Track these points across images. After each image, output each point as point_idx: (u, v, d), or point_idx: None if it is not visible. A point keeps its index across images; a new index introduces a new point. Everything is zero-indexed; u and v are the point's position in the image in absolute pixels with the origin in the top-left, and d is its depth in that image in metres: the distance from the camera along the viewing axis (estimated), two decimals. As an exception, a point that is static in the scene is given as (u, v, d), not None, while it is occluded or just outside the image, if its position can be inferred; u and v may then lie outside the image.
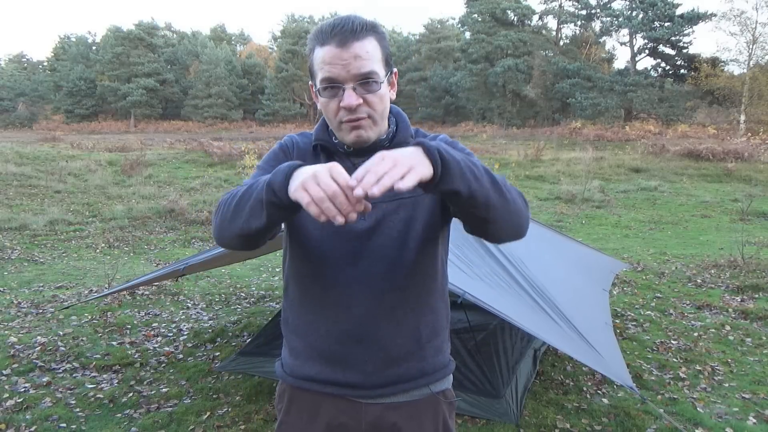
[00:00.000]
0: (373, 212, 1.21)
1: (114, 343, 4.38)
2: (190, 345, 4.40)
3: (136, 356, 4.12)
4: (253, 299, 5.78)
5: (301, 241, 1.26)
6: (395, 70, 1.27)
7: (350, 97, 1.14)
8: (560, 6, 39.06)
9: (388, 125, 1.29)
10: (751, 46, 29.01)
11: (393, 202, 1.22)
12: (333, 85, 1.15)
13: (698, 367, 3.99)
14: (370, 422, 1.28)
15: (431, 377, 1.30)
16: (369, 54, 1.15)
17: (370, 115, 1.18)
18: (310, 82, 1.26)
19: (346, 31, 1.14)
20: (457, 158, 1.01)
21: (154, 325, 4.86)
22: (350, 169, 1.23)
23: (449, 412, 1.36)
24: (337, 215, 0.93)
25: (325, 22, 1.17)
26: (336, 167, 0.96)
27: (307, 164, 1.17)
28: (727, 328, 4.83)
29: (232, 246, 1.18)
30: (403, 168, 0.93)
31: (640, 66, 35.43)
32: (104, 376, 3.80)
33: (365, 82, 1.15)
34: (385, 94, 1.21)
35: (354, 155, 1.26)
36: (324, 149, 1.28)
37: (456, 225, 1.27)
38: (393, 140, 1.27)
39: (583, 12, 37.06)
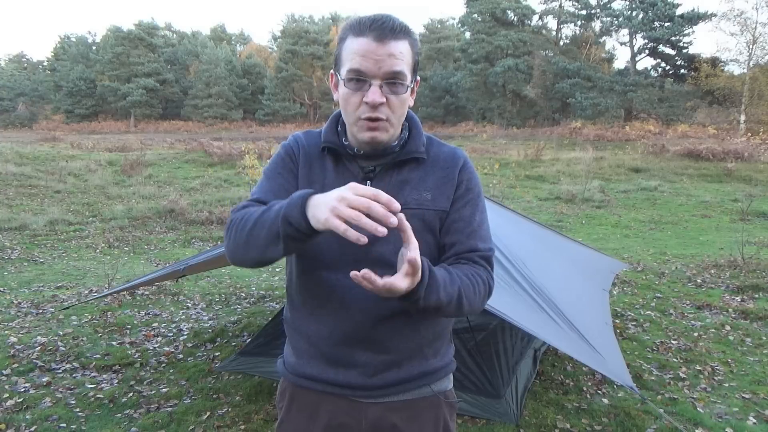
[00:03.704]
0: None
1: (114, 343, 4.38)
2: (190, 345, 4.40)
3: (136, 356, 4.12)
4: (253, 299, 5.78)
5: None
6: (418, 78, 1.25)
7: (375, 94, 1.13)
8: (560, 6, 39.07)
9: (401, 130, 1.29)
10: (751, 46, 29.03)
11: (400, 212, 1.22)
12: (360, 78, 1.14)
13: (698, 367, 3.99)
14: (371, 422, 1.28)
15: (432, 377, 1.31)
16: (402, 55, 1.15)
17: (389, 117, 1.17)
18: (331, 71, 1.25)
19: (386, 27, 1.13)
20: (438, 294, 1.09)
21: (154, 325, 4.86)
22: (357, 174, 1.24)
23: (450, 414, 1.35)
24: (378, 227, 0.93)
25: (364, 15, 1.17)
26: (355, 185, 0.98)
27: (316, 187, 1.22)
28: (727, 328, 4.83)
29: (246, 266, 1.20)
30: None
31: (640, 66, 35.50)
32: (104, 376, 3.80)
33: (393, 82, 1.15)
34: (407, 100, 1.20)
35: (363, 158, 1.25)
36: (332, 152, 1.27)
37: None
38: (404, 147, 1.26)
39: (583, 12, 37.08)
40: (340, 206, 0.94)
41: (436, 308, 1.11)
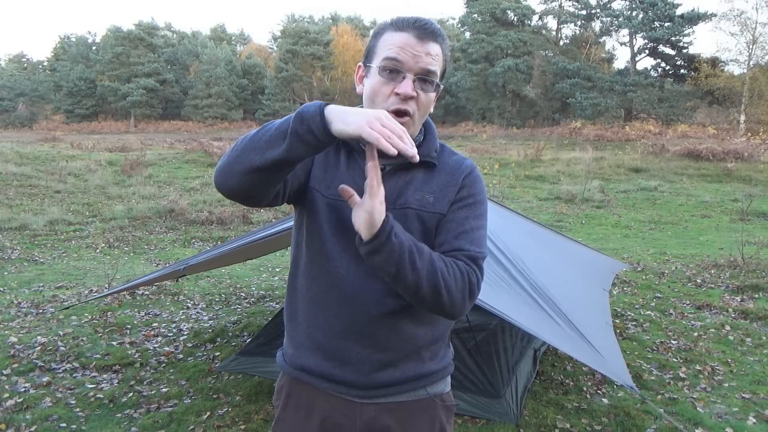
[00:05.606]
0: None
1: (114, 343, 4.38)
2: (190, 345, 4.40)
3: (136, 356, 4.12)
4: (253, 299, 5.78)
5: (313, 231, 1.27)
6: (441, 86, 1.26)
7: (408, 86, 1.16)
8: (560, 6, 39.05)
9: (417, 133, 1.30)
10: (751, 46, 29.04)
11: (400, 211, 1.22)
12: (395, 69, 1.16)
13: (698, 367, 3.99)
14: (365, 423, 1.28)
15: (429, 379, 1.31)
16: (438, 57, 1.19)
17: (414, 113, 1.19)
18: (359, 63, 1.26)
19: (427, 28, 1.17)
20: (395, 249, 1.09)
21: (154, 325, 4.86)
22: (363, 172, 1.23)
23: (446, 417, 1.35)
24: (410, 149, 0.98)
25: (404, 15, 1.20)
26: (388, 115, 1.02)
27: (328, 176, 1.24)
28: (727, 328, 4.84)
29: (233, 189, 1.11)
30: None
31: (640, 66, 35.46)
32: (104, 376, 3.80)
33: (425, 79, 1.17)
34: (431, 102, 1.22)
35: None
36: (346, 146, 1.28)
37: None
38: (418, 150, 1.26)
39: (583, 12, 37.06)
40: (375, 122, 0.98)
41: (393, 267, 1.10)
